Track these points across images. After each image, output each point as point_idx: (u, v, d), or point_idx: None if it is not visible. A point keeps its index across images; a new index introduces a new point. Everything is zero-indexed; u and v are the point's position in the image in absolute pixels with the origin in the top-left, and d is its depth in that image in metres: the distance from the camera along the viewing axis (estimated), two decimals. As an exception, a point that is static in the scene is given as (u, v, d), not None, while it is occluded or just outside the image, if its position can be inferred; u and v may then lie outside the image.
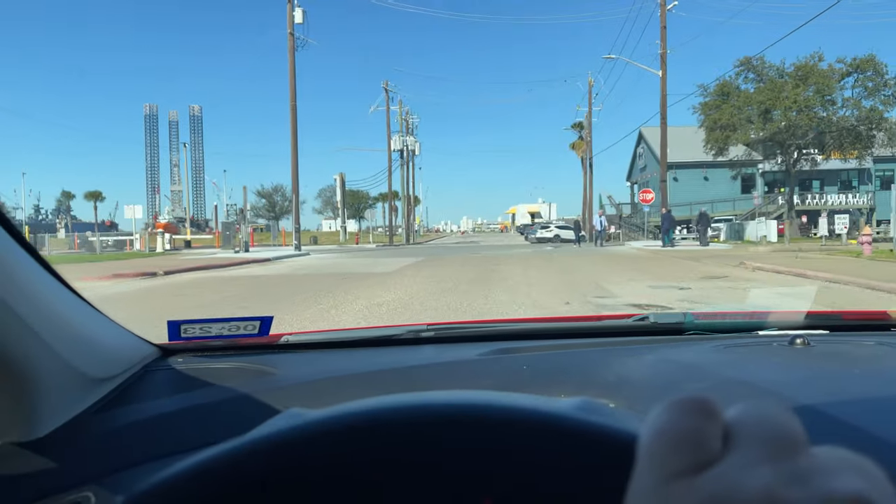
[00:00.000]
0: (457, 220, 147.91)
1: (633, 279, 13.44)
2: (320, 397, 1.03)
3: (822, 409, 0.84)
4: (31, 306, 0.77)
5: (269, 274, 17.30)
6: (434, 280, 13.65)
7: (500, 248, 34.97)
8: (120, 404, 0.99)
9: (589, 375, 1.13)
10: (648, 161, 56.35)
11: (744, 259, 17.47)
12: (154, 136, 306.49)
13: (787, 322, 1.49)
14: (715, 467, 0.27)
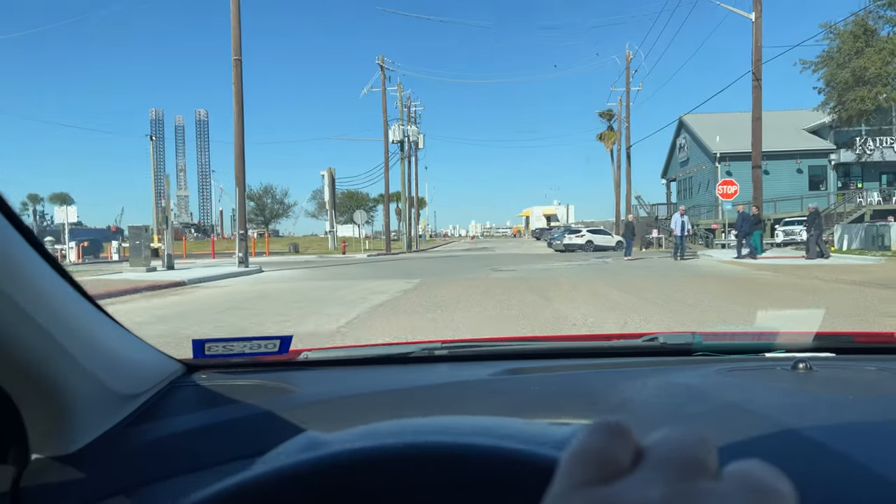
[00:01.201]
0: (465, 225, 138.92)
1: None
2: (337, 415, 1.06)
3: (811, 436, 0.87)
4: (62, 324, 0.80)
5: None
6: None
7: (524, 260, 26.05)
8: (148, 420, 1.01)
9: (596, 397, 1.15)
10: (693, 153, 47.17)
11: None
12: (160, 140, 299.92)
13: (794, 344, 1.50)
14: (614, 483, 0.29)
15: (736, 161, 42.18)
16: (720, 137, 43.21)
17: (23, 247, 0.74)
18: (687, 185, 48.81)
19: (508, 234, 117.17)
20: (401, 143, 44.65)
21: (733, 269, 17.96)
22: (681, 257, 23.70)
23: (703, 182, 45.05)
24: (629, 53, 40.00)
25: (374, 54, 39.58)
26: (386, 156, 41.15)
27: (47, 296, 0.77)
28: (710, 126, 45.08)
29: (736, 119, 47.04)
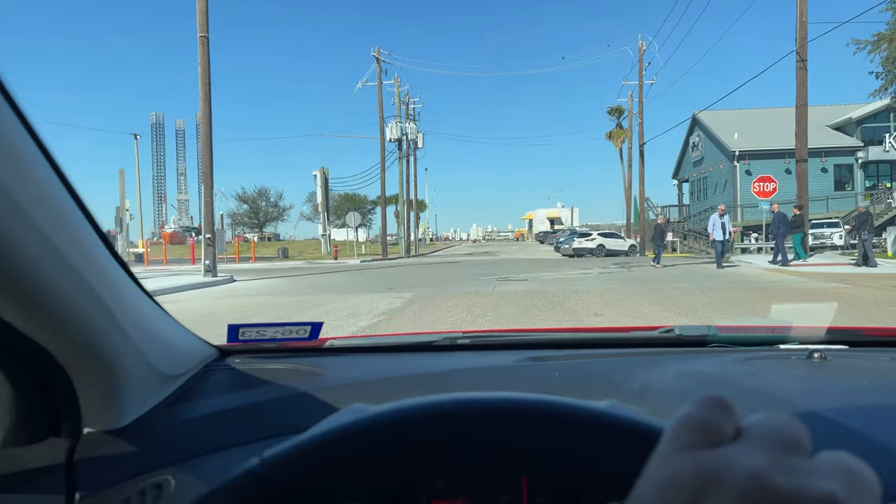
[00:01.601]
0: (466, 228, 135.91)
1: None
2: (368, 396, 1.05)
3: (829, 418, 0.90)
4: (119, 304, 0.83)
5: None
6: None
7: (533, 266, 23.17)
8: (188, 399, 1.06)
9: (615, 383, 1.16)
10: (707, 151, 44.25)
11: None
12: (161, 144, 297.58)
13: (807, 337, 1.52)
14: (720, 448, 0.32)
15: (757, 160, 39.26)
16: (738, 135, 40.32)
17: (88, 230, 0.77)
18: (701, 185, 45.89)
19: (510, 238, 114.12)
20: (398, 142, 41.80)
21: (790, 279, 15.00)
22: (722, 265, 20.20)
23: (719, 182, 42.14)
24: (642, 45, 37.15)
25: (370, 46, 36.58)
26: (382, 154, 38.29)
27: (108, 276, 0.81)
28: (727, 123, 42.18)
29: (755, 116, 44.16)
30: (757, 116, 43.88)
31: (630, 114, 41.98)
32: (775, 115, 43.47)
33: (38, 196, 0.64)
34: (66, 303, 0.73)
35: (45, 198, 0.65)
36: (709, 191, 44.39)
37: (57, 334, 0.77)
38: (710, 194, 44.19)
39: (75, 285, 0.73)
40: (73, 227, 0.72)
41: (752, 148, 39.17)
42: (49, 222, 0.66)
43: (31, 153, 0.63)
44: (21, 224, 0.61)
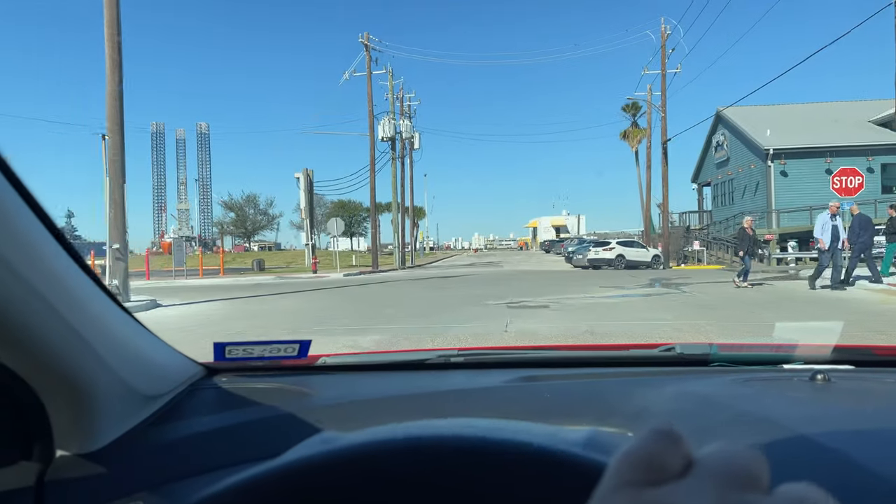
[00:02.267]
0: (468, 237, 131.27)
1: None
2: (354, 419, 1.06)
3: (824, 445, 0.86)
4: (89, 323, 0.81)
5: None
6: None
7: (547, 282, 18.55)
8: (169, 420, 1.02)
9: (610, 405, 1.12)
10: (734, 151, 39.60)
11: None
12: (161, 154, 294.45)
13: (813, 356, 1.46)
14: (663, 486, 0.30)
15: (794, 158, 34.59)
16: (771, 132, 35.68)
17: (54, 247, 0.74)
18: (726, 188, 41.23)
19: (513, 247, 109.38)
20: (391, 141, 37.24)
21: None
22: (841, 283, 14.42)
23: (749, 184, 37.48)
24: (665, 28, 32.60)
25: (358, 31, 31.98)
26: (372, 153, 33.71)
27: (76, 294, 0.78)
28: (757, 120, 37.58)
29: (788, 112, 39.50)
30: (790, 113, 39.27)
31: (649, 108, 37.39)
32: (811, 112, 38.86)
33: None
34: (26, 321, 0.70)
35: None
36: (736, 195, 39.72)
37: (20, 355, 0.74)
38: (737, 198, 39.53)
39: (35, 303, 0.69)
40: (29, 238, 0.68)
41: (789, 145, 34.50)
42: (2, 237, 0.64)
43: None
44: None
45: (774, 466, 0.32)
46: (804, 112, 39.00)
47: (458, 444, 0.64)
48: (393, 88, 38.14)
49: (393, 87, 38.11)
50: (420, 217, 77.87)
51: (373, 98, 34.07)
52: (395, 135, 37.32)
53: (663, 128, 33.31)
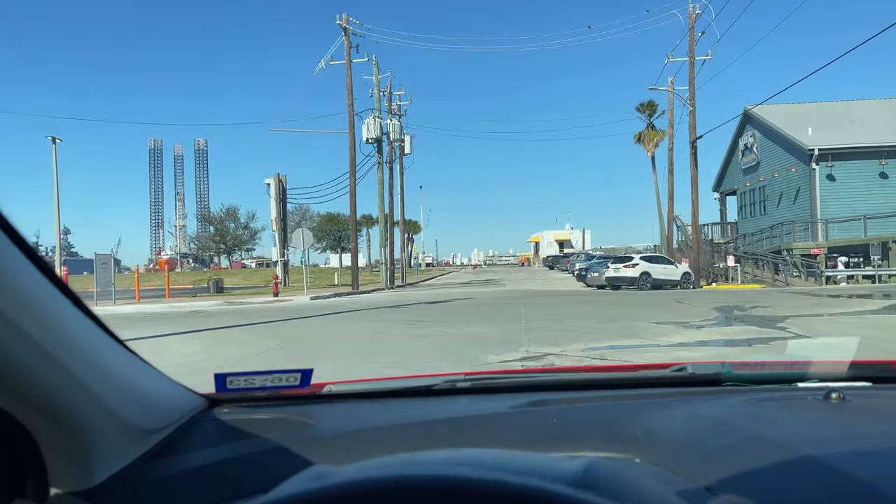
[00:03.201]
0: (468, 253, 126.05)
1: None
2: (355, 448, 1.04)
3: (836, 467, 0.83)
4: (79, 358, 0.79)
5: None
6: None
7: (567, 311, 13.43)
8: (169, 454, 1.00)
9: (617, 429, 1.09)
10: (766, 154, 34.58)
11: None
12: (158, 170, 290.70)
13: (828, 373, 1.41)
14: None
15: (844, 160, 29.55)
16: (813, 130, 30.69)
17: (38, 279, 0.71)
18: (756, 197, 36.17)
19: (514, 263, 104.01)
20: (377, 142, 32.24)
21: None
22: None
23: (787, 191, 32.41)
24: (694, 9, 27.71)
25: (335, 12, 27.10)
26: (352, 153, 28.69)
27: (64, 328, 0.76)
28: (794, 118, 32.60)
29: (831, 110, 34.41)
30: (832, 111, 34.27)
31: (671, 104, 32.43)
32: (857, 109, 33.86)
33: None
34: (8, 358, 0.67)
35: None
36: (769, 203, 34.64)
37: (9, 394, 0.71)
38: (769, 208, 34.46)
39: (16, 338, 0.66)
40: (6, 268, 0.65)
41: (837, 145, 29.46)
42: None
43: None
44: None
45: (789, 492, 0.36)
46: (849, 110, 34.00)
47: (445, 483, 0.63)
48: (379, 83, 33.18)
49: (379, 82, 33.14)
50: (415, 231, 72.68)
51: (353, 91, 29.17)
52: (381, 136, 32.29)
53: (692, 124, 28.32)
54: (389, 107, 36.11)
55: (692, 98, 28.05)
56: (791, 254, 28.73)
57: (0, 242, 0.64)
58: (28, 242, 0.68)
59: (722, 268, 31.15)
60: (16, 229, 0.66)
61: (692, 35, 27.70)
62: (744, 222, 38.10)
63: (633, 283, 25.75)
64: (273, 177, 31.12)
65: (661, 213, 38.98)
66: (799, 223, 30.07)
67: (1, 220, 0.64)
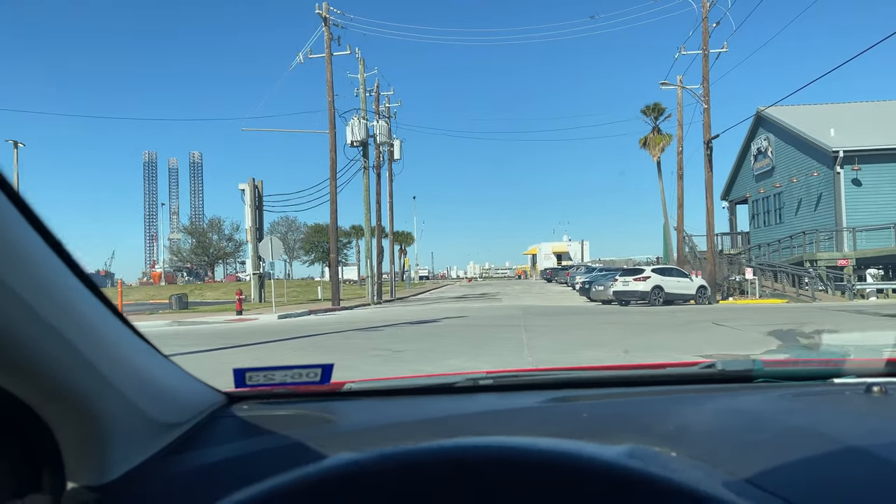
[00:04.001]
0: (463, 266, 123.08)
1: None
2: (376, 443, 0.95)
3: (888, 459, 0.81)
4: (102, 352, 0.78)
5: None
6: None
7: (592, 330, 10.47)
8: (188, 449, 0.98)
9: (649, 424, 1.06)
10: (782, 158, 31.86)
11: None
12: (153, 183, 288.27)
13: (865, 369, 1.37)
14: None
15: (872, 163, 26.82)
16: (835, 131, 27.99)
17: (66, 274, 0.71)
18: (771, 205, 33.43)
19: (510, 275, 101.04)
20: (363, 145, 29.40)
21: None
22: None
23: (806, 198, 29.66)
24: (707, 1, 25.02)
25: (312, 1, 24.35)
26: (332, 154, 25.83)
27: (85, 319, 0.75)
28: (813, 119, 29.92)
29: (851, 111, 31.65)
30: (853, 111, 31.58)
31: (679, 106, 29.73)
32: (880, 110, 31.17)
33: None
34: (31, 348, 0.66)
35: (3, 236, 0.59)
36: (785, 211, 31.87)
37: (27, 384, 0.71)
38: (786, 216, 31.69)
39: (40, 328, 0.66)
40: (32, 260, 0.65)
41: (864, 146, 26.75)
42: (5, 263, 0.60)
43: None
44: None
45: (836, 483, 0.37)
46: (871, 111, 31.33)
47: (494, 453, 0.62)
48: (365, 81, 30.39)
49: (365, 80, 30.35)
50: (408, 243, 69.81)
51: (336, 90, 26.44)
52: (367, 138, 29.45)
53: (706, 122, 25.54)
54: (377, 107, 33.30)
55: (706, 94, 25.31)
56: (815, 265, 25.90)
57: (31, 239, 0.63)
58: (53, 234, 0.67)
59: (738, 281, 28.30)
60: (43, 223, 0.65)
61: (706, 25, 25.02)
62: (756, 232, 35.31)
63: (645, 297, 22.89)
64: (248, 182, 28.29)
65: (667, 222, 36.23)
66: (823, 232, 27.27)
67: (34, 219, 0.64)
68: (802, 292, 25.03)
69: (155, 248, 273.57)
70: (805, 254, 27.28)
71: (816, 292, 24.42)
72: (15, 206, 0.60)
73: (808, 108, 31.71)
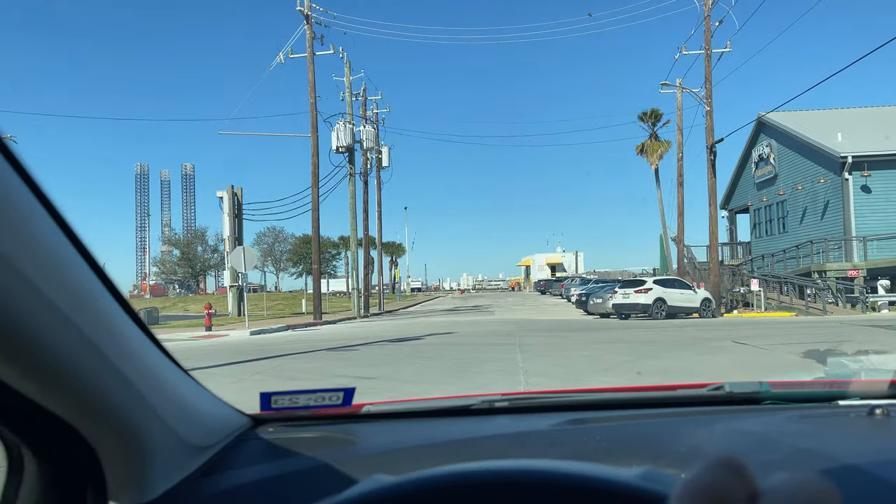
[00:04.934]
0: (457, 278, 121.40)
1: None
2: (399, 466, 1.03)
3: (892, 480, 0.84)
4: (142, 375, 0.80)
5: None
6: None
7: (605, 351, 8.94)
8: (218, 471, 1.01)
9: (661, 446, 1.11)
10: (785, 165, 30.55)
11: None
12: (145, 195, 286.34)
13: (869, 391, 1.38)
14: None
15: (882, 169, 25.49)
16: (842, 136, 26.70)
17: (107, 298, 0.73)
18: (774, 213, 32.07)
19: (503, 287, 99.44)
20: (349, 151, 27.92)
21: None
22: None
23: (812, 206, 28.31)
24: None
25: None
26: (315, 160, 24.31)
27: (125, 342, 0.77)
28: (817, 125, 28.65)
29: (857, 116, 30.42)
30: (858, 117, 30.35)
31: (679, 109, 28.43)
32: (886, 115, 29.94)
33: (45, 259, 0.59)
34: (82, 373, 0.68)
35: (52, 260, 0.61)
36: (789, 220, 30.50)
37: (74, 406, 0.73)
38: (790, 225, 30.32)
39: (91, 353, 0.68)
40: (85, 290, 0.67)
41: (873, 151, 25.44)
42: (60, 290, 0.62)
43: (32, 209, 0.59)
44: (29, 294, 0.57)
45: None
46: (875, 115, 30.09)
47: (515, 477, 0.65)
48: (351, 85, 28.97)
49: (351, 84, 28.93)
50: (398, 254, 68.15)
51: (322, 94, 24.99)
52: (353, 143, 27.98)
53: (709, 126, 24.18)
54: (364, 112, 31.87)
55: (708, 96, 23.96)
56: (824, 276, 24.48)
57: (74, 259, 0.65)
58: (91, 254, 0.68)
59: (742, 293, 26.86)
60: (84, 244, 0.67)
61: (708, 24, 23.72)
62: (758, 242, 33.93)
63: (646, 310, 21.40)
64: (226, 190, 26.72)
65: (665, 231, 34.81)
66: (832, 241, 25.87)
67: (76, 240, 0.65)
68: (812, 305, 23.60)
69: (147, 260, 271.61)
70: (813, 264, 25.88)
71: (827, 305, 22.99)
72: (44, 208, 0.59)
73: (811, 114, 30.47)
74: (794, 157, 29.47)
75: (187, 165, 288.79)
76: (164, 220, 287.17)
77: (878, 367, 1.60)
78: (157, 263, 62.51)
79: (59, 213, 0.61)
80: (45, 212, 0.59)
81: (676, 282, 23.53)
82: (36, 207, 0.58)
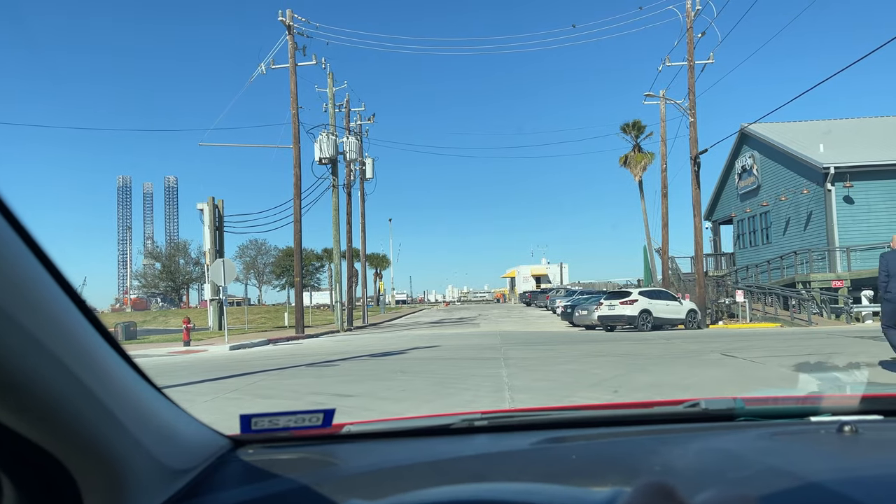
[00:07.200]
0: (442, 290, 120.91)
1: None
2: (379, 488, 1.05)
3: (854, 498, 0.85)
4: (118, 398, 0.79)
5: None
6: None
7: (601, 366, 8.67)
8: (198, 494, 1.00)
9: (636, 464, 1.11)
10: (768, 176, 30.69)
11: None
12: (127, 208, 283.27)
13: (840, 407, 1.42)
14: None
15: (863, 180, 25.61)
16: (825, 147, 26.86)
17: (80, 321, 0.73)
18: (758, 224, 32.17)
19: (489, 299, 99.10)
20: (332, 163, 27.60)
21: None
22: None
23: (795, 216, 28.41)
24: (692, 5, 23.81)
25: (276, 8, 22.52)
26: (296, 172, 23.99)
27: (101, 366, 0.77)
28: (799, 136, 28.83)
29: (839, 128, 30.63)
30: (840, 128, 30.56)
31: (662, 120, 28.45)
32: (868, 127, 30.31)
33: (10, 277, 0.57)
34: (51, 397, 0.67)
35: (17, 279, 0.59)
36: (773, 231, 30.60)
37: (52, 433, 0.71)
38: (774, 236, 30.42)
39: (60, 376, 0.67)
40: (53, 308, 0.66)
41: (856, 162, 25.57)
42: (27, 310, 0.60)
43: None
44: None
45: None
46: (856, 126, 30.39)
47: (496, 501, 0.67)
48: (334, 96, 28.71)
49: (334, 95, 28.67)
50: (383, 266, 67.72)
51: (304, 105, 24.73)
52: (336, 155, 27.67)
53: (692, 137, 24.17)
54: (347, 123, 31.59)
55: (692, 107, 23.96)
56: (808, 287, 24.49)
57: (45, 282, 0.63)
58: (64, 276, 0.67)
59: (727, 304, 26.81)
60: (52, 260, 0.65)
61: (691, 35, 23.77)
62: (742, 253, 34.01)
63: (632, 322, 21.23)
64: (207, 202, 26.26)
65: (649, 243, 34.79)
66: (816, 252, 25.91)
67: (48, 263, 0.63)
68: (798, 316, 23.55)
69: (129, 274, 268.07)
70: (797, 275, 25.92)
71: (812, 315, 22.96)
72: (6, 221, 0.57)
73: (793, 125, 30.69)
74: (778, 168, 29.61)
75: (170, 178, 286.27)
76: (147, 232, 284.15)
77: (855, 381, 1.50)
78: (139, 277, 61.63)
79: (21, 226, 0.58)
80: (7, 225, 0.57)
81: (662, 293, 23.39)
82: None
